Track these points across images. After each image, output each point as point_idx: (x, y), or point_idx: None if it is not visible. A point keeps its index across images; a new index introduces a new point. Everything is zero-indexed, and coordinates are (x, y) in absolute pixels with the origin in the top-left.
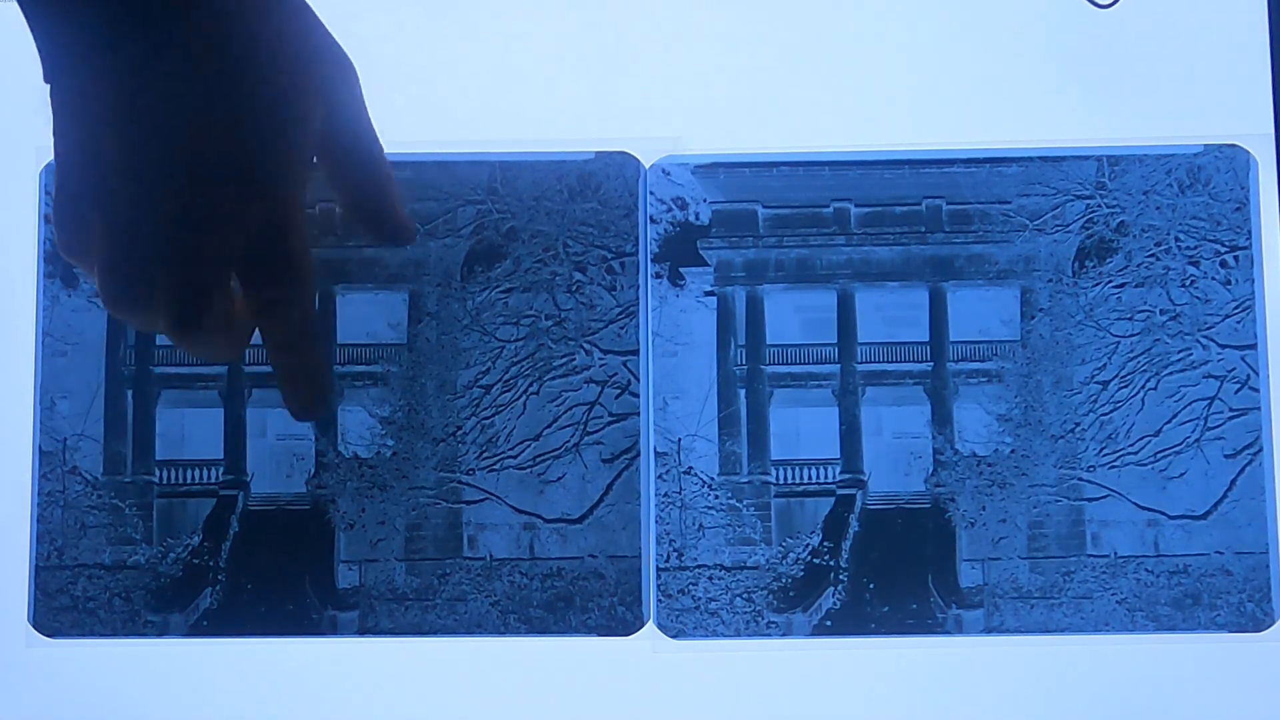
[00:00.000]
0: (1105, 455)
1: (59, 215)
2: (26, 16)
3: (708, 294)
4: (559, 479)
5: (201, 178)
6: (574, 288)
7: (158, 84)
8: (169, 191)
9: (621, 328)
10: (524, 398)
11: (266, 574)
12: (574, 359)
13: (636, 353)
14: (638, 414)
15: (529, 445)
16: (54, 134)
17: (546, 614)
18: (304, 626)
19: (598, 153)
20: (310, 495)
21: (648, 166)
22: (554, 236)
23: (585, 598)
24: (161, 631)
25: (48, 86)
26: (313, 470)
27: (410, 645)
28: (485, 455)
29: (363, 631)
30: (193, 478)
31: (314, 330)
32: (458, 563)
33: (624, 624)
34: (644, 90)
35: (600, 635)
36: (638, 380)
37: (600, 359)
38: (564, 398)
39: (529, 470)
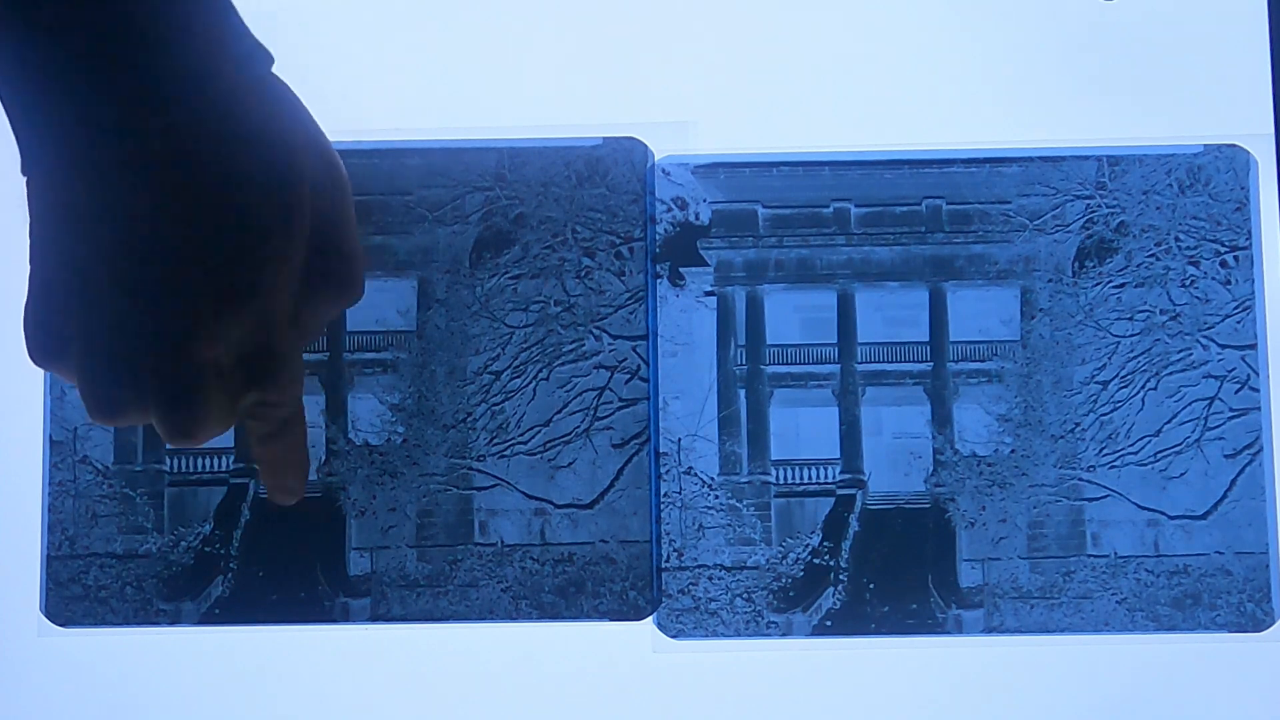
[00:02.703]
0: (1105, 455)
1: (31, 317)
2: (5, 106)
3: (708, 294)
4: (569, 464)
5: (187, 286)
6: (583, 273)
7: (142, 186)
8: (152, 300)
9: (631, 313)
10: (534, 383)
11: (278, 561)
12: (583, 344)
13: (646, 338)
14: (648, 399)
15: (539, 431)
16: (29, 230)
17: (558, 599)
18: (316, 613)
19: (605, 138)
20: (321, 482)
21: (654, 151)
22: (562, 222)
23: (597, 583)
24: (174, 620)
25: (24, 179)
26: (323, 458)
27: (422, 631)
28: (495, 441)
29: (375, 618)
30: (204, 466)
31: (299, 426)
32: (469, 549)
33: (635, 609)
34: (651, 77)
35: (612, 620)
36: (647, 365)
37: (610, 344)
38: (574, 383)
39: (539, 456)
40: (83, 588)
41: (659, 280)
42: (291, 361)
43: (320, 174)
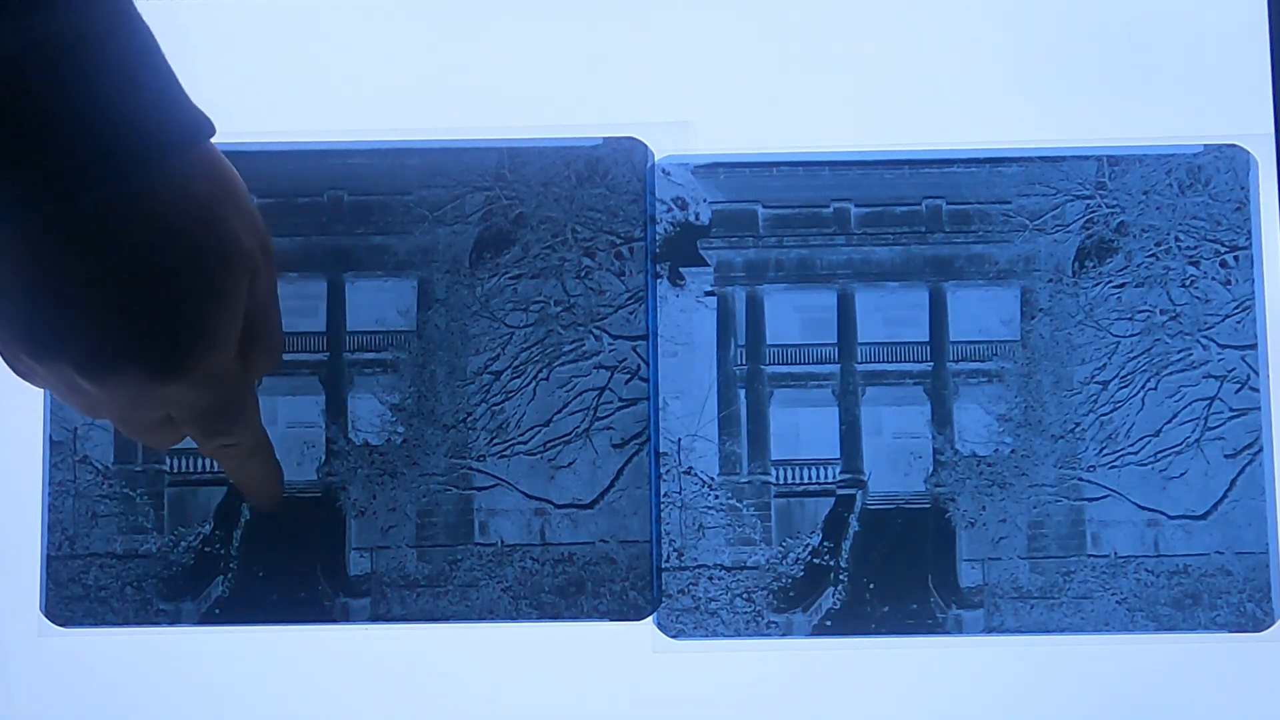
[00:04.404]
0: (1105, 455)
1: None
2: None
3: (708, 294)
4: (569, 464)
5: (115, 362)
6: (583, 273)
7: (78, 253)
8: (98, 370)
9: (631, 313)
10: (534, 384)
11: (278, 562)
12: (583, 344)
13: (646, 338)
14: (647, 399)
15: (539, 431)
16: None
17: (558, 599)
18: (316, 614)
19: (605, 138)
20: (321, 482)
21: (654, 151)
22: (562, 222)
23: (597, 583)
24: (174, 620)
25: None
26: (323, 458)
27: (422, 631)
28: (495, 441)
29: (375, 618)
30: (204, 466)
31: (263, 449)
32: (469, 549)
33: (635, 609)
34: (651, 77)
35: (612, 620)
36: (647, 365)
37: (610, 344)
38: (574, 383)
39: (539, 456)
40: (83, 588)
41: (659, 280)
42: (239, 410)
43: (255, 248)
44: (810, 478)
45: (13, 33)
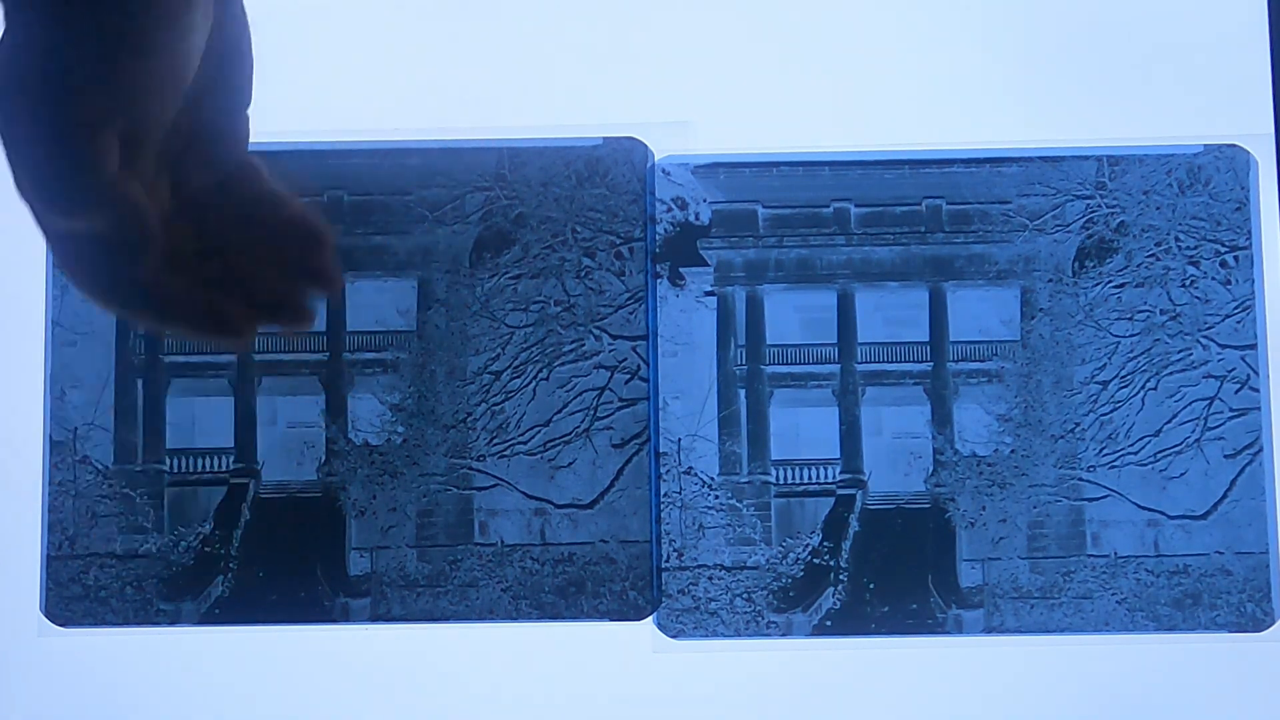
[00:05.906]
0: (1105, 455)
1: None
2: None
3: (708, 294)
4: (569, 464)
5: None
6: (583, 273)
7: None
8: None
9: (631, 313)
10: (534, 383)
11: (278, 561)
12: (583, 344)
13: (646, 338)
14: (647, 399)
15: (539, 431)
16: None
17: (558, 599)
18: (316, 613)
19: (605, 138)
20: (321, 482)
21: (654, 151)
22: (562, 222)
23: (597, 583)
24: (173, 620)
25: None
26: (323, 458)
27: (423, 631)
28: (495, 441)
29: (375, 618)
30: (203, 466)
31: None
32: (469, 549)
33: (635, 609)
34: (651, 77)
35: (612, 620)
36: (647, 365)
37: (610, 344)
38: (574, 383)
39: (539, 456)
40: (83, 588)
41: (659, 280)
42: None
43: None
44: (810, 478)
45: None
